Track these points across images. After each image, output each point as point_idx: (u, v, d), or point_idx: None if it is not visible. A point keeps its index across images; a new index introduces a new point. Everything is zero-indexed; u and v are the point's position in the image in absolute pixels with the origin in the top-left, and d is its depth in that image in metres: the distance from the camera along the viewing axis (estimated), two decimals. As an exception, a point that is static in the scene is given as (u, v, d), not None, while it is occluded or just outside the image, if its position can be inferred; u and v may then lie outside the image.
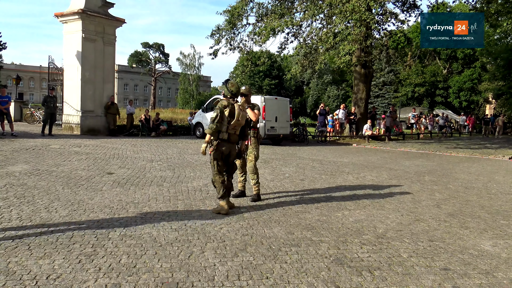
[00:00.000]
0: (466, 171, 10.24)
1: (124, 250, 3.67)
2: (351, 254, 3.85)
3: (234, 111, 5.17)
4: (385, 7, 17.74)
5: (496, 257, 3.97)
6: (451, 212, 5.80)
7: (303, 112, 54.17)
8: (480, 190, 7.65)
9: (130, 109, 18.63)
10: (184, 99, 58.20)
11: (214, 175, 5.24)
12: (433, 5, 19.98)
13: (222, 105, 5.13)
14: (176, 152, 11.31)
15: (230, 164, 5.40)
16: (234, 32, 19.92)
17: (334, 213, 5.42)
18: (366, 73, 21.25)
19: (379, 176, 8.80)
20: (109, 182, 6.70)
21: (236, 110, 5.18)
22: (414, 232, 4.71)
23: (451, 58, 46.53)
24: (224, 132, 5.12)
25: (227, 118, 5.12)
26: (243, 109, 5.34)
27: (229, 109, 5.14)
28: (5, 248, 3.61)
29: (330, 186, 7.33)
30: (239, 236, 4.25)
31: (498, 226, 5.13)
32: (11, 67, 66.74)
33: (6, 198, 5.35)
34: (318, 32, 18.93)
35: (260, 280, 3.19)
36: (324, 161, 11.12)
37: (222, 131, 5.12)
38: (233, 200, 5.72)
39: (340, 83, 54.05)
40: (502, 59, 32.36)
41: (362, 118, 20.99)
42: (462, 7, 33.39)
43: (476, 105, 45.47)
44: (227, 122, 5.12)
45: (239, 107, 5.23)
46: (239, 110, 5.21)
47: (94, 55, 15.97)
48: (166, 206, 5.36)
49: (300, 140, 18.13)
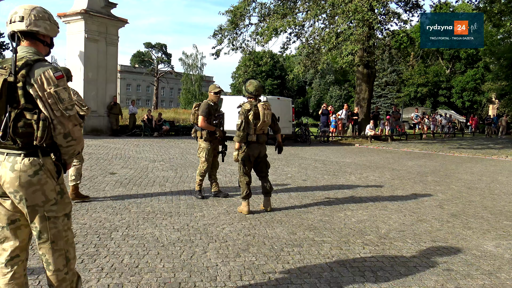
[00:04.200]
0: (469, 172, 10.21)
1: (126, 250, 3.68)
2: (353, 255, 3.85)
3: (258, 113, 5.08)
4: (387, 7, 17.74)
5: (499, 258, 3.95)
6: (454, 212, 5.78)
7: (305, 112, 54.13)
8: (483, 191, 7.62)
9: (133, 109, 18.67)
10: (187, 99, 58.24)
11: (240, 176, 5.26)
12: (436, 5, 19.93)
13: (244, 109, 5.08)
14: (179, 152, 11.33)
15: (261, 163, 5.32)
16: (236, 32, 19.94)
17: (336, 213, 5.41)
18: (369, 73, 21.21)
19: (381, 177, 8.79)
20: (112, 182, 6.71)
21: (261, 110, 5.08)
22: (417, 232, 4.70)
23: (454, 58, 46.38)
24: (252, 135, 5.10)
25: (254, 120, 5.06)
26: (268, 107, 5.19)
27: (253, 111, 5.07)
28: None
29: (332, 187, 7.32)
30: (241, 236, 4.25)
31: (501, 227, 5.11)
32: (14, 67, 66.92)
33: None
34: (320, 32, 18.91)
35: (262, 280, 3.19)
36: (327, 161, 11.10)
37: (250, 134, 5.09)
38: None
39: (342, 83, 53.99)
40: (506, 59, 32.22)
41: (364, 118, 20.96)
42: (465, 7, 33.31)
43: (479, 105, 45.32)
44: (253, 125, 5.07)
45: (263, 106, 5.11)
46: (264, 110, 5.09)
47: (97, 55, 16.02)
48: (168, 206, 5.37)
49: (302, 140, 18.12)
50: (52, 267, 2.20)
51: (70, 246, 2.27)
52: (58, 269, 2.21)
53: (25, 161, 2.08)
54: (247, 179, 5.22)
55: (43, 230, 2.15)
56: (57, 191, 2.19)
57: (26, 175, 2.07)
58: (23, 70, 2.05)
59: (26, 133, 2.07)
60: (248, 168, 5.24)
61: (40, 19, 2.19)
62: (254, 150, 5.17)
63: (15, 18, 2.15)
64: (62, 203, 2.21)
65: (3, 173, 2.08)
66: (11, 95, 2.04)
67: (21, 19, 2.14)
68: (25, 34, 2.18)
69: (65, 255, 2.24)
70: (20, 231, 2.22)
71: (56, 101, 2.08)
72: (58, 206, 2.19)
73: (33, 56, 2.12)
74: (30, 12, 2.16)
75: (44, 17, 2.21)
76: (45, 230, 2.16)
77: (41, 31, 2.19)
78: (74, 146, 2.20)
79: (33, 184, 2.08)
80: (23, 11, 2.16)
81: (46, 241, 2.17)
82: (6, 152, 2.09)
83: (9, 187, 2.07)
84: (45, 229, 2.16)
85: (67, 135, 2.14)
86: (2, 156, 2.09)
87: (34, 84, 2.05)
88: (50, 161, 2.17)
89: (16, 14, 2.16)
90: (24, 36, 2.19)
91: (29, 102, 2.07)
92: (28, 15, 2.16)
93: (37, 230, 2.16)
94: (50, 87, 2.07)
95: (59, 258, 2.21)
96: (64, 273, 2.24)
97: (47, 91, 2.06)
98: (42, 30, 2.20)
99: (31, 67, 2.07)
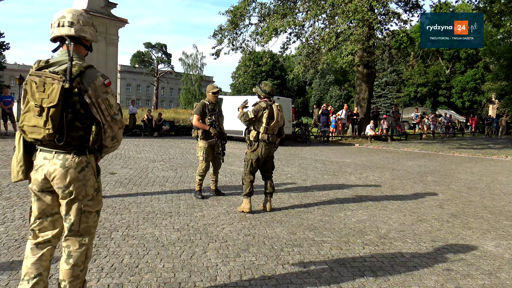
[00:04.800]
0: (469, 172, 10.21)
1: (126, 250, 3.68)
2: (353, 255, 3.85)
3: (273, 112, 5.21)
4: (387, 7, 17.75)
5: (499, 258, 3.95)
6: (454, 212, 5.78)
7: (305, 112, 54.11)
8: (483, 191, 7.62)
9: (133, 109, 18.66)
10: (187, 99, 58.20)
11: (245, 173, 5.32)
12: (436, 5, 19.92)
13: (261, 107, 5.20)
14: (179, 152, 11.33)
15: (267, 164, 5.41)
16: (236, 32, 19.93)
17: (336, 213, 5.41)
18: (369, 73, 21.20)
19: (381, 176, 8.79)
20: (112, 182, 6.71)
21: (275, 111, 5.22)
22: (417, 232, 4.70)
23: (454, 58, 46.37)
24: (264, 134, 5.20)
25: (268, 120, 5.18)
26: (281, 109, 5.36)
27: (268, 111, 5.19)
28: (8, 247, 3.62)
29: (332, 187, 7.32)
30: (241, 236, 4.25)
31: (501, 227, 5.11)
32: (14, 68, 66.82)
33: (9, 198, 5.38)
34: (320, 32, 18.91)
35: (262, 280, 3.19)
36: (327, 161, 11.11)
37: (262, 133, 5.19)
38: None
39: (342, 83, 53.97)
40: (505, 59, 32.21)
41: (364, 118, 20.96)
42: (465, 7, 33.31)
43: (479, 105, 45.32)
44: (266, 124, 5.18)
45: (277, 107, 5.26)
46: (278, 111, 5.25)
47: (97, 55, 16.03)
48: (168, 206, 5.37)
49: (302, 140, 18.12)
50: (72, 261, 2.34)
51: (91, 245, 2.43)
52: (76, 264, 2.35)
53: (75, 159, 2.27)
54: (251, 178, 5.30)
55: (76, 222, 2.33)
56: (95, 188, 2.38)
57: (75, 171, 2.26)
58: (78, 78, 2.20)
59: (78, 136, 2.25)
60: (254, 168, 5.32)
61: (86, 25, 2.34)
62: (264, 151, 5.24)
63: (63, 22, 2.27)
64: (96, 199, 2.41)
65: (52, 169, 2.25)
66: (66, 101, 2.18)
67: (70, 25, 2.28)
68: (71, 38, 2.30)
69: (86, 253, 2.39)
70: (58, 222, 2.41)
71: (106, 107, 2.26)
72: (94, 202, 2.38)
73: (83, 62, 2.27)
74: (79, 18, 2.30)
75: (89, 23, 2.37)
76: (77, 223, 2.33)
77: (87, 37, 2.36)
78: (116, 147, 2.43)
79: (79, 180, 2.28)
80: (71, 16, 2.29)
81: (75, 234, 2.34)
82: (55, 150, 2.26)
83: (58, 182, 2.25)
84: (78, 222, 2.33)
85: (114, 137, 2.35)
86: (50, 154, 2.26)
87: (88, 91, 2.21)
88: (93, 160, 2.37)
89: (64, 18, 2.28)
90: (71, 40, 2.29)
91: (83, 108, 2.23)
92: (77, 21, 2.29)
93: (70, 222, 2.33)
94: (102, 94, 2.24)
95: (81, 254, 2.36)
96: (80, 270, 2.37)
97: (100, 98, 2.24)
98: (88, 36, 2.36)
99: (84, 74, 2.22)
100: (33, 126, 2.18)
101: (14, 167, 2.36)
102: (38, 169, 2.29)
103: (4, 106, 13.29)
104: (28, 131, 2.21)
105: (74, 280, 2.35)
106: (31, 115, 2.19)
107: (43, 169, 2.27)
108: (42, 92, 2.15)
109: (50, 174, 2.25)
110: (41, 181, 2.28)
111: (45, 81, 2.16)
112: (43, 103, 2.14)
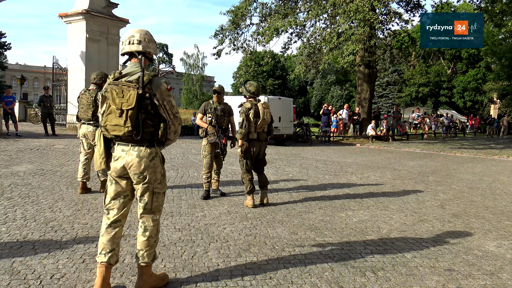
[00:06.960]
0: (470, 172, 10.20)
1: (127, 250, 3.69)
2: (354, 255, 3.84)
3: (259, 111, 5.43)
4: (389, 7, 17.71)
5: (501, 258, 3.95)
6: (455, 212, 5.78)
7: (306, 112, 54.09)
8: (484, 191, 7.61)
9: (134, 109, 18.66)
10: (188, 99, 58.28)
11: (243, 173, 5.57)
12: (437, 5, 19.89)
13: (246, 108, 5.43)
14: (180, 152, 11.33)
15: (259, 161, 5.70)
16: (237, 32, 19.94)
17: (337, 213, 5.41)
18: (370, 73, 21.19)
19: (382, 177, 8.78)
20: (113, 182, 6.71)
21: (261, 109, 5.44)
22: (418, 232, 4.69)
23: (455, 58, 46.31)
24: (253, 133, 5.44)
25: (254, 118, 5.41)
26: (267, 106, 5.55)
27: (254, 110, 5.42)
28: (10, 247, 3.63)
29: (333, 186, 7.31)
30: (242, 236, 4.25)
31: (503, 227, 5.10)
32: (15, 68, 66.94)
33: (10, 198, 5.38)
34: (321, 32, 18.90)
35: (263, 280, 3.19)
36: (328, 161, 11.10)
37: (251, 132, 5.43)
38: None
39: (343, 83, 53.93)
40: (507, 59, 32.20)
41: (366, 118, 20.94)
42: (466, 7, 33.29)
43: (480, 105, 45.24)
44: (254, 123, 5.41)
45: (262, 105, 5.46)
46: (263, 109, 5.45)
47: (98, 55, 16.00)
48: (169, 206, 5.37)
49: (303, 140, 18.11)
50: (148, 233, 2.87)
51: (159, 220, 2.96)
52: (151, 236, 2.88)
53: (147, 150, 2.78)
54: (250, 176, 5.55)
55: (149, 202, 2.87)
56: (162, 174, 2.90)
57: (148, 160, 2.78)
58: (148, 85, 2.70)
59: (149, 132, 2.76)
60: (250, 165, 5.56)
61: (150, 42, 2.85)
62: (255, 146, 5.51)
63: (133, 41, 2.79)
64: (163, 183, 2.93)
65: (130, 159, 2.76)
66: (140, 104, 2.68)
67: (139, 42, 2.79)
68: (139, 53, 2.81)
69: (157, 227, 2.93)
70: (127, 203, 2.92)
71: (170, 107, 2.79)
72: (161, 184, 2.91)
73: (150, 72, 2.76)
74: (145, 37, 2.81)
75: (152, 40, 2.88)
76: (150, 203, 2.87)
77: (151, 52, 2.87)
78: (176, 139, 2.96)
79: (151, 167, 2.80)
80: (139, 36, 2.80)
81: (149, 212, 2.88)
82: (131, 144, 2.77)
83: (135, 169, 2.76)
84: (150, 202, 2.87)
85: (175, 131, 2.88)
86: (127, 147, 2.78)
87: (156, 95, 2.72)
88: (160, 150, 2.88)
89: (134, 37, 2.79)
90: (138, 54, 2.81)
91: (152, 108, 2.73)
92: (144, 39, 2.80)
93: (144, 202, 2.87)
94: (166, 97, 2.76)
95: (154, 227, 2.90)
96: (154, 240, 2.90)
97: (165, 100, 2.75)
98: (152, 51, 2.87)
99: (152, 81, 2.72)
100: (114, 125, 2.69)
101: (97, 159, 2.92)
102: (118, 159, 2.80)
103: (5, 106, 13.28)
104: (111, 129, 2.72)
105: (150, 249, 2.87)
106: (113, 116, 2.69)
107: (122, 159, 2.78)
108: (122, 97, 2.67)
109: (128, 163, 2.76)
110: (120, 168, 2.79)
111: (123, 89, 2.68)
112: (122, 106, 2.66)
